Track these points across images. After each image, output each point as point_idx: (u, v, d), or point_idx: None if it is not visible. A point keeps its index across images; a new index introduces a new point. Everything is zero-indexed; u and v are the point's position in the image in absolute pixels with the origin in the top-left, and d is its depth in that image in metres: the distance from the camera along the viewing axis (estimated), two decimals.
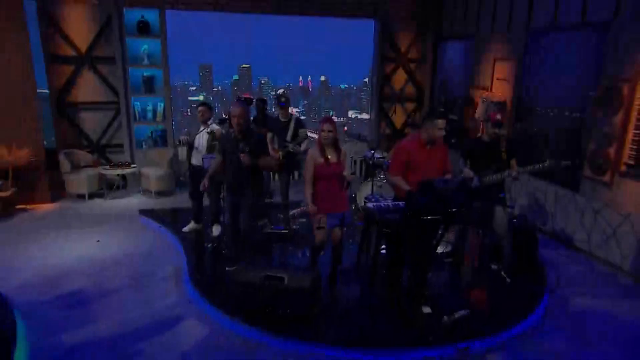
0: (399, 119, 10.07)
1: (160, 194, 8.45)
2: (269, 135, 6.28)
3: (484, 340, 4.18)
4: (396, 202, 4.20)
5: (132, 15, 8.40)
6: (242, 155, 4.73)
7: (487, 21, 8.18)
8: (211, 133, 6.18)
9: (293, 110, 9.12)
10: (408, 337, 4.20)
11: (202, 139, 6.29)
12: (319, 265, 4.88)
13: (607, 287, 5.44)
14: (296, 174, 7.88)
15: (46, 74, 8.07)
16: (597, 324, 4.64)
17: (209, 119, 6.35)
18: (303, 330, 4.23)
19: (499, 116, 4.93)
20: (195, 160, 6.37)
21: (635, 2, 5.50)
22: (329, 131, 4.55)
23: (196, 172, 6.31)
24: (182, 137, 6.47)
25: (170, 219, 7.20)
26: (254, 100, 7.92)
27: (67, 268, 5.64)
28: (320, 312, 4.49)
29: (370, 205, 4.16)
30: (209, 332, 4.40)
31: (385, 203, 4.20)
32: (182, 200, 8.26)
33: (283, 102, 6.35)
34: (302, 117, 6.80)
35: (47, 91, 8.16)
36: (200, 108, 6.41)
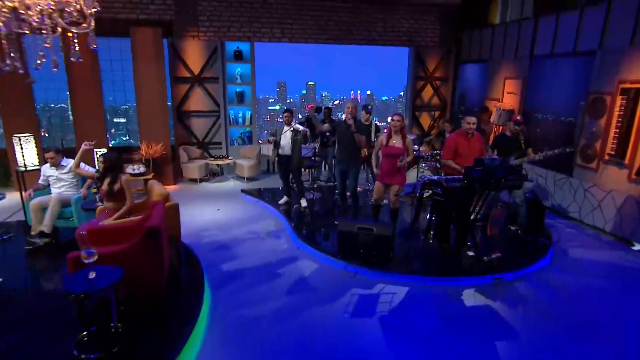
0: (425, 122, 10.76)
1: (250, 179, 9.35)
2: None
3: (512, 273, 4.94)
4: (452, 176, 5.00)
5: (231, 46, 9.29)
6: (350, 123, 5.53)
7: (499, 50, 8.80)
8: (294, 131, 6.75)
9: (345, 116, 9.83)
10: (458, 270, 4.99)
11: (286, 136, 6.80)
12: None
13: (594, 243, 6.11)
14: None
15: (170, 90, 9.02)
16: (588, 266, 5.37)
17: (292, 121, 6.86)
18: (385, 264, 5.03)
19: (519, 117, 5.69)
20: (282, 151, 6.88)
21: (614, 37, 6.15)
22: (398, 121, 5.38)
23: (283, 161, 6.96)
24: (270, 138, 7.00)
25: (263, 195, 7.98)
26: (323, 108, 8.80)
27: (204, 226, 6.57)
28: (396, 253, 5.32)
29: (435, 177, 4.97)
30: (319, 266, 5.26)
31: (445, 177, 5.00)
32: (266, 183, 9.16)
33: (370, 109, 7.04)
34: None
35: (170, 103, 9.12)
36: (285, 113, 6.93)
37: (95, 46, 2.80)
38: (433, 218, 5.74)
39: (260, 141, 10.20)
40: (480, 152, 5.31)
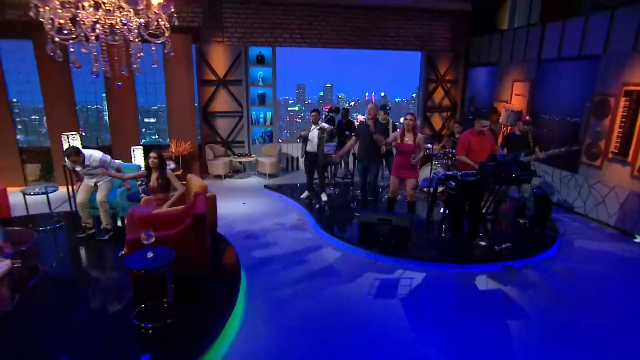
0: (436, 123, 11.00)
1: (271, 175, 9.67)
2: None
3: (521, 261, 5.20)
4: (466, 171, 5.26)
5: (253, 51, 9.61)
6: (369, 124, 5.87)
7: (507, 54, 9.00)
8: (320, 129, 7.04)
9: (360, 117, 10.20)
10: (471, 258, 5.24)
11: (314, 134, 7.10)
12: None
13: (598, 235, 6.31)
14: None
15: (197, 92, 9.36)
16: (592, 255, 5.60)
17: (319, 120, 7.18)
18: (403, 252, 5.30)
19: (528, 117, 5.92)
20: (310, 148, 7.18)
21: (618, 42, 6.35)
22: (410, 120, 5.68)
23: (310, 157, 7.25)
24: (303, 133, 7.24)
25: (284, 190, 8.28)
26: (340, 109, 9.08)
27: (234, 218, 6.88)
28: (413, 242, 5.59)
29: (450, 173, 5.24)
30: (342, 254, 5.54)
31: (460, 172, 5.26)
32: (286, 179, 9.47)
33: (388, 110, 7.30)
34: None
35: (197, 104, 9.46)
36: (312, 113, 7.24)
37: (172, 54, 3.13)
38: (447, 212, 5.99)
39: (280, 140, 10.51)
40: (492, 149, 5.56)
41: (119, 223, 5.86)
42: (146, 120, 12.29)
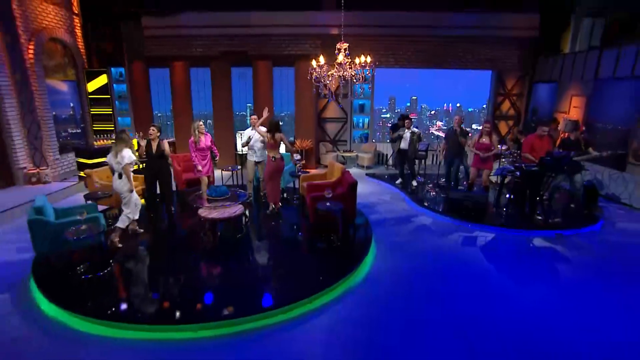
0: (502, 130, 12.04)
1: (367, 167, 11.41)
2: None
3: (569, 230, 6.39)
4: (529, 164, 6.61)
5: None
6: (456, 129, 7.43)
7: (568, 73, 9.89)
8: (412, 133, 8.60)
9: (439, 123, 11.52)
10: (530, 226, 6.52)
11: (407, 135, 8.58)
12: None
13: None
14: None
15: (315, 104, 11.36)
16: (631, 231, 6.59)
17: (411, 125, 8.67)
18: (481, 219, 6.75)
19: (582, 128, 7.03)
20: (403, 145, 8.67)
21: None
22: (487, 127, 7.10)
23: (402, 153, 8.81)
24: (395, 135, 8.95)
25: (380, 178, 9.96)
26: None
27: None
28: (486, 214, 7.00)
29: (517, 164, 6.62)
30: (433, 220, 7.11)
31: (524, 164, 6.62)
32: (380, 170, 11.09)
33: (463, 119, 8.74)
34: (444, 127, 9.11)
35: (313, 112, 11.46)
36: (406, 121, 8.83)
37: (369, 85, 5.05)
38: (512, 197, 7.31)
39: (374, 140, 12.21)
40: (549, 149, 6.82)
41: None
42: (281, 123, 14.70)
